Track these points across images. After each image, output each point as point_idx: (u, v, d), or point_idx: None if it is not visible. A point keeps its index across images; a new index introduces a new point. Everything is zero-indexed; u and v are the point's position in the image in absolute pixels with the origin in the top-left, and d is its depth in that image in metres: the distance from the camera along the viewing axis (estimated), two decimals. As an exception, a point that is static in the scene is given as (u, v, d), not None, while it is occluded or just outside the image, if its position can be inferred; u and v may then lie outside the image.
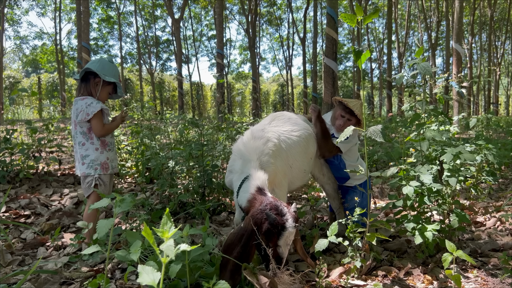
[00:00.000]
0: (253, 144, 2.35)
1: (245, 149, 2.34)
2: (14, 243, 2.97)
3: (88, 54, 13.18)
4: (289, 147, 2.53)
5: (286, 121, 2.72)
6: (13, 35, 27.75)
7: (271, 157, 2.31)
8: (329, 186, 3.07)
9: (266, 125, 2.65)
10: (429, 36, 25.80)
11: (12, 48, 30.61)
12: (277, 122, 2.70)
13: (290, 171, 2.56)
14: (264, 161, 2.28)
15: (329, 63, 8.97)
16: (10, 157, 4.74)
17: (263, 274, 1.88)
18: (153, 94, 29.48)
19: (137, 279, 1.23)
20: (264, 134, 2.42)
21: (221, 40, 14.70)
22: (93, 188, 2.86)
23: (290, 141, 2.56)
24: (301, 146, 2.62)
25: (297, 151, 2.59)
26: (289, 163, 2.53)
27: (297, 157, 2.59)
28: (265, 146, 2.33)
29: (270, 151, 2.34)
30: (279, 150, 2.43)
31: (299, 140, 2.62)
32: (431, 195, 2.44)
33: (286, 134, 2.58)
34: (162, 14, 29.27)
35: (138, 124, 6.03)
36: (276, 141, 2.42)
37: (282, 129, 2.61)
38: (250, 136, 2.41)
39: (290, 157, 2.53)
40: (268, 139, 2.39)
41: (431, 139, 2.55)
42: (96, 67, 2.85)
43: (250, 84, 31.29)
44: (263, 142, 2.35)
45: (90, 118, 2.79)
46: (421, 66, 2.40)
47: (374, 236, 2.25)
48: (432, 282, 2.25)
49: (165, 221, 1.17)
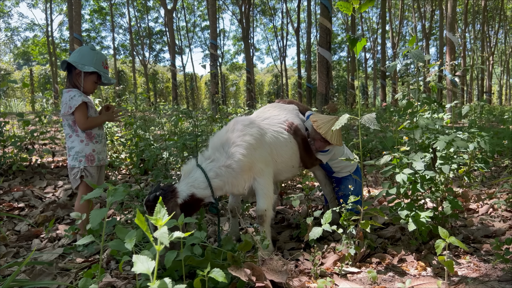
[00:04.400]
0: (225, 136, 2.49)
1: (213, 140, 2.52)
2: (9, 235, 2.96)
3: (80, 46, 13.02)
4: (275, 145, 2.64)
5: (280, 121, 2.81)
6: (4, 27, 27.39)
7: (243, 148, 2.41)
8: (320, 172, 3.15)
9: (259, 119, 2.75)
10: (423, 25, 25.78)
11: (3, 40, 30.20)
12: (271, 120, 2.79)
13: (275, 164, 2.66)
14: (231, 152, 2.40)
15: (323, 53, 8.96)
16: (3, 149, 4.70)
17: (248, 265, 1.89)
18: (146, 85, 29.30)
19: (132, 269, 1.23)
20: (246, 128, 2.52)
21: (215, 30, 14.59)
22: (80, 180, 2.83)
23: (277, 141, 2.68)
24: (288, 147, 2.73)
25: (284, 150, 2.70)
26: (273, 158, 2.63)
27: (283, 155, 2.70)
28: (239, 138, 2.44)
29: (244, 143, 2.44)
30: (260, 143, 2.53)
31: (287, 142, 2.73)
32: (424, 182, 2.45)
33: (275, 134, 2.69)
34: (155, 5, 28.98)
35: (131, 116, 5.99)
36: (256, 135, 2.52)
37: (272, 129, 2.72)
38: (228, 128, 2.56)
39: (275, 153, 2.64)
40: (247, 133, 2.49)
41: (424, 127, 2.56)
42: (75, 57, 2.79)
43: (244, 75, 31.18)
44: (239, 135, 2.46)
45: (73, 111, 2.75)
46: (413, 53, 2.40)
47: (368, 223, 2.26)
48: (425, 268, 2.27)
49: (159, 209, 1.16)
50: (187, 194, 2.28)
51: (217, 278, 1.58)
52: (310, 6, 20.05)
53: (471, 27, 28.15)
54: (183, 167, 2.43)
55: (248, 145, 2.44)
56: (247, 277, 1.77)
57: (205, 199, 2.36)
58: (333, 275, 2.19)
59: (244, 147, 2.42)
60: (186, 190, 2.29)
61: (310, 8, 20.06)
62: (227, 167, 2.39)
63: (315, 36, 25.42)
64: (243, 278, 1.74)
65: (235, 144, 2.43)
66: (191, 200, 2.28)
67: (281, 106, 3.02)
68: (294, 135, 2.81)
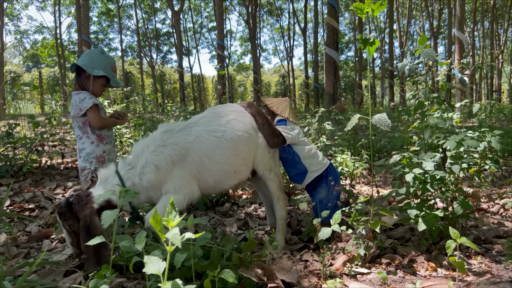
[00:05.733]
0: (147, 141, 2.35)
1: (136, 145, 2.37)
2: (19, 236, 2.99)
3: (88, 48, 13.13)
4: (206, 150, 2.39)
5: (216, 119, 2.54)
6: (13, 30, 27.69)
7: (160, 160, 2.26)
8: (274, 183, 2.72)
9: (192, 122, 2.53)
10: (431, 24, 25.62)
11: (13, 43, 30.53)
12: (206, 120, 2.53)
13: (208, 174, 2.40)
14: (147, 161, 2.26)
15: (331, 53, 8.95)
16: (13, 151, 4.75)
17: (258, 265, 1.88)
18: (154, 87, 29.44)
19: (143, 269, 1.23)
20: (170, 137, 2.35)
21: (222, 31, 14.63)
22: (91, 181, 2.86)
23: (208, 143, 2.40)
24: (222, 148, 2.42)
25: (217, 153, 2.41)
26: (204, 168, 2.39)
27: (218, 159, 2.41)
28: (160, 147, 2.29)
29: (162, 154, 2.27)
30: (183, 155, 2.33)
31: (220, 142, 2.43)
32: (434, 182, 2.43)
33: (206, 135, 2.42)
34: (162, 6, 29.13)
35: (140, 117, 6.03)
36: (181, 145, 2.33)
37: (206, 129, 2.46)
38: (153, 134, 2.40)
39: (206, 162, 2.39)
40: (171, 142, 2.33)
41: (434, 127, 2.54)
42: (84, 61, 2.80)
43: (251, 76, 31.19)
44: (160, 143, 2.31)
45: (86, 111, 2.77)
46: (424, 52, 2.37)
47: (378, 223, 2.25)
48: (436, 269, 2.26)
49: (170, 210, 1.17)
50: (104, 200, 2.16)
51: (227, 278, 1.58)
52: (317, 6, 20.03)
53: (479, 26, 27.91)
54: (100, 172, 2.29)
55: (166, 156, 2.27)
56: (258, 277, 1.77)
57: (123, 207, 2.23)
58: (342, 275, 2.18)
59: (160, 158, 2.27)
60: (103, 195, 2.15)
61: (317, 8, 20.03)
62: (138, 176, 2.25)
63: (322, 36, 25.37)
64: (254, 279, 1.74)
65: (154, 152, 2.28)
66: (107, 207, 2.14)
67: (226, 106, 2.74)
68: (249, 108, 2.66)
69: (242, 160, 2.52)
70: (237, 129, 2.51)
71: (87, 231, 2.05)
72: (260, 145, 2.63)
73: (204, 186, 2.43)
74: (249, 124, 2.60)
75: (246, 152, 2.54)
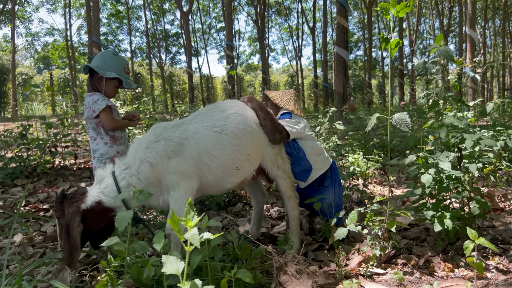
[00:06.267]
0: (142, 140, 2.26)
1: (132, 145, 2.29)
2: (35, 236, 3.02)
3: (98, 49, 13.23)
4: (205, 145, 2.27)
5: (214, 114, 2.42)
6: (25, 32, 28.03)
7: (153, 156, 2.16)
8: (284, 181, 2.59)
9: (188, 120, 2.42)
10: (441, 22, 25.39)
11: (24, 45, 30.92)
12: (204, 116, 2.41)
13: (207, 171, 2.28)
14: (141, 159, 2.17)
15: (340, 52, 8.89)
16: (27, 152, 4.81)
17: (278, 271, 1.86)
18: (163, 87, 29.59)
19: (162, 269, 1.24)
20: (164, 132, 2.25)
21: (230, 31, 14.65)
22: None
23: (208, 139, 2.28)
24: (223, 144, 2.30)
25: (217, 149, 2.28)
26: (204, 164, 2.27)
27: (218, 155, 2.29)
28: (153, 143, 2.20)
29: (156, 149, 2.18)
30: (178, 149, 2.21)
31: (220, 137, 2.30)
32: (450, 182, 2.40)
33: (204, 131, 2.30)
34: (171, 8, 29.26)
35: (152, 117, 6.06)
36: (176, 140, 2.22)
37: (204, 124, 2.34)
38: (148, 133, 2.31)
39: (205, 157, 2.26)
40: (164, 137, 2.22)
41: (449, 126, 2.51)
42: (97, 63, 2.81)
43: (260, 76, 31.18)
44: (153, 139, 2.22)
45: (99, 113, 2.78)
46: (440, 50, 2.34)
47: (394, 223, 2.23)
48: (453, 269, 2.23)
49: (188, 210, 1.17)
50: (94, 201, 2.10)
51: (244, 278, 1.58)
52: (326, 5, 19.96)
53: (491, 23, 27.58)
54: (98, 172, 2.24)
55: (160, 152, 2.17)
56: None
57: (115, 210, 2.15)
58: (358, 276, 2.17)
59: (154, 154, 2.16)
60: (94, 196, 2.11)
61: (326, 7, 19.97)
62: (136, 176, 2.16)
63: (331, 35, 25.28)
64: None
65: (147, 149, 2.18)
66: (97, 208, 2.11)
67: (225, 102, 2.63)
68: (249, 103, 2.56)
69: (245, 156, 2.38)
70: (238, 123, 2.39)
71: (66, 229, 2.04)
72: (264, 140, 2.52)
73: (205, 184, 2.33)
74: (251, 118, 2.49)
75: (250, 147, 2.40)
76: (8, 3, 21.60)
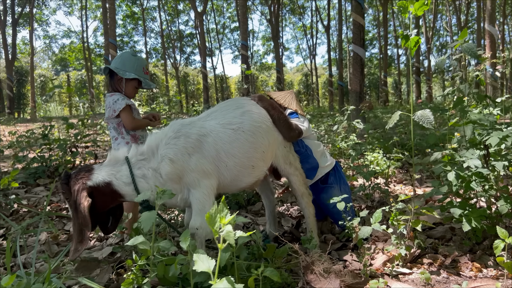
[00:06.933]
0: (162, 135, 2.20)
1: (151, 138, 2.22)
2: (59, 235, 3.06)
3: (115, 50, 13.40)
4: (222, 143, 2.24)
5: (228, 112, 2.39)
6: (42, 35, 28.57)
7: (174, 152, 2.12)
8: (296, 178, 2.59)
9: (203, 117, 2.39)
10: (458, 18, 24.98)
11: (42, 48, 31.49)
12: (218, 113, 2.39)
13: (225, 170, 2.25)
14: (161, 155, 2.12)
15: (357, 50, 8.82)
16: (49, 152, 4.88)
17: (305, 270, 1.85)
18: (178, 88, 29.80)
19: (193, 267, 1.24)
20: (182, 128, 2.21)
21: (245, 31, 14.66)
22: None
23: (225, 136, 2.25)
24: (240, 141, 2.27)
25: (234, 147, 2.26)
26: (222, 162, 2.24)
27: (236, 153, 2.26)
28: (172, 139, 2.16)
29: (176, 146, 2.14)
30: (198, 146, 2.17)
31: (237, 135, 2.28)
32: (477, 180, 2.36)
33: (221, 129, 2.26)
34: (185, 8, 29.45)
35: (168, 118, 6.10)
36: (194, 137, 2.18)
37: (220, 122, 2.31)
38: (166, 129, 2.25)
39: (223, 155, 2.23)
40: (183, 134, 2.19)
41: (476, 123, 2.46)
42: (116, 64, 2.84)
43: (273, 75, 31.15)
44: (173, 136, 2.17)
45: (119, 112, 2.80)
46: (465, 47, 2.30)
47: (419, 222, 2.20)
48: (481, 269, 2.19)
49: (222, 207, 1.16)
50: (103, 180, 2.05)
51: (272, 277, 1.57)
52: (340, 3, 19.83)
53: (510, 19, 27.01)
54: (111, 153, 2.18)
55: (180, 148, 2.13)
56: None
57: (126, 196, 2.11)
58: (384, 275, 2.14)
59: (174, 150, 2.12)
60: (104, 176, 2.06)
61: (340, 5, 19.84)
62: (154, 171, 2.11)
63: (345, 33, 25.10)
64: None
65: (167, 146, 2.14)
66: (106, 189, 2.06)
67: (237, 99, 2.59)
68: (260, 102, 2.54)
69: (261, 154, 2.36)
70: (254, 120, 2.37)
71: (74, 207, 2.00)
72: (277, 138, 2.51)
73: (221, 183, 2.30)
74: (265, 116, 2.47)
75: (266, 144, 2.38)
76: (27, 6, 22.04)
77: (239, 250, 1.78)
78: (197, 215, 2.08)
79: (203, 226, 2.05)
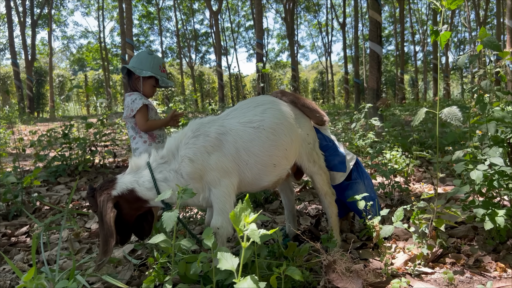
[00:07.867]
0: (181, 136, 2.19)
1: (170, 140, 2.22)
2: (81, 232, 3.11)
3: (131, 50, 13.54)
4: (242, 141, 2.22)
5: (249, 110, 2.37)
6: (61, 35, 29.05)
7: (193, 152, 2.12)
8: (320, 177, 2.55)
9: (223, 116, 2.37)
10: (477, 14, 24.47)
11: (60, 48, 32.04)
12: (239, 112, 2.36)
13: (245, 168, 2.24)
14: (180, 155, 2.13)
15: (374, 47, 8.73)
16: (69, 151, 4.97)
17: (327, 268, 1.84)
18: (193, 87, 29.96)
19: (218, 265, 1.25)
20: (201, 127, 2.21)
21: (260, 29, 14.65)
22: None
23: (246, 135, 2.23)
24: (261, 139, 2.25)
25: (255, 145, 2.23)
26: (242, 160, 2.22)
27: (256, 152, 2.24)
28: (191, 139, 2.16)
29: (195, 145, 2.13)
30: (217, 145, 2.17)
31: (258, 133, 2.25)
32: (500, 179, 2.31)
33: (241, 127, 2.25)
34: (200, 7, 29.57)
35: (185, 116, 6.14)
36: (213, 135, 2.18)
37: (240, 121, 2.29)
38: (185, 129, 2.24)
39: (243, 153, 2.21)
40: (202, 133, 2.18)
41: (499, 121, 2.41)
42: (133, 63, 2.86)
43: (288, 73, 31.06)
44: (192, 135, 2.17)
45: (135, 113, 2.82)
46: (485, 41, 2.25)
47: (443, 221, 2.17)
48: (505, 269, 2.14)
49: (245, 206, 1.17)
50: (127, 188, 2.08)
51: (294, 276, 1.57)
52: (356, 0, 19.64)
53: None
54: (133, 160, 2.21)
55: (199, 147, 2.12)
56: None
57: (150, 202, 2.13)
58: (405, 275, 2.12)
59: (194, 150, 2.12)
60: (127, 183, 2.08)
61: (356, 1, 19.65)
62: (176, 172, 2.12)
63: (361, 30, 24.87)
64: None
65: (186, 146, 2.14)
66: (130, 197, 2.09)
67: (257, 97, 2.56)
68: (284, 97, 2.53)
69: (283, 152, 2.33)
70: (275, 117, 2.34)
71: (101, 217, 2.03)
72: (300, 135, 2.46)
73: (242, 181, 2.29)
74: (287, 112, 2.43)
75: (288, 142, 2.35)
76: (45, 7, 22.44)
77: (260, 249, 1.79)
78: (218, 215, 2.09)
79: (224, 225, 2.07)
